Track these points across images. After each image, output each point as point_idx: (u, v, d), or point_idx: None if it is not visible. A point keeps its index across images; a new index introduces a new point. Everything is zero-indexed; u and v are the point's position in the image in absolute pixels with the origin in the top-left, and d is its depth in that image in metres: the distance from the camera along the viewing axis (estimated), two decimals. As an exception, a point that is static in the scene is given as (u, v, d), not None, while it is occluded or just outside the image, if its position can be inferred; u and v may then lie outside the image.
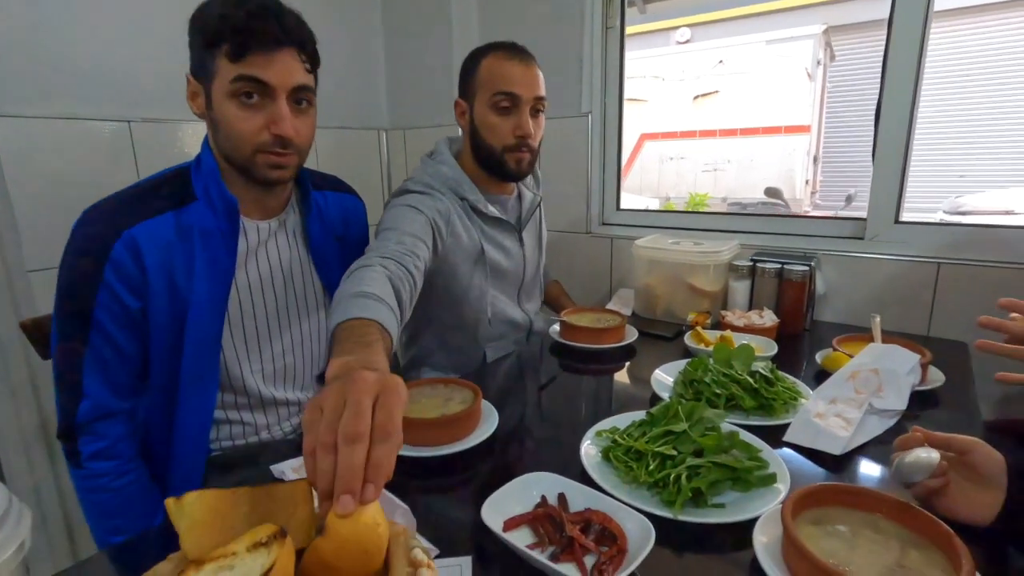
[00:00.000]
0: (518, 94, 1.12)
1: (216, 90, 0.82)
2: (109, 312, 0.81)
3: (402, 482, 0.75)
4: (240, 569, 0.38)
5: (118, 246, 0.80)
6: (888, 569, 0.53)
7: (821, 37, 6.65)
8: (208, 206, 0.86)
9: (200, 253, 0.86)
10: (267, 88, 0.82)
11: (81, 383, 0.82)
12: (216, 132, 0.86)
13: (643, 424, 0.79)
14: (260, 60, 0.80)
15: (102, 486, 0.85)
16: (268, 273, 0.96)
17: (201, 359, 0.89)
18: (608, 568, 0.55)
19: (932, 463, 0.58)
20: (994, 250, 1.25)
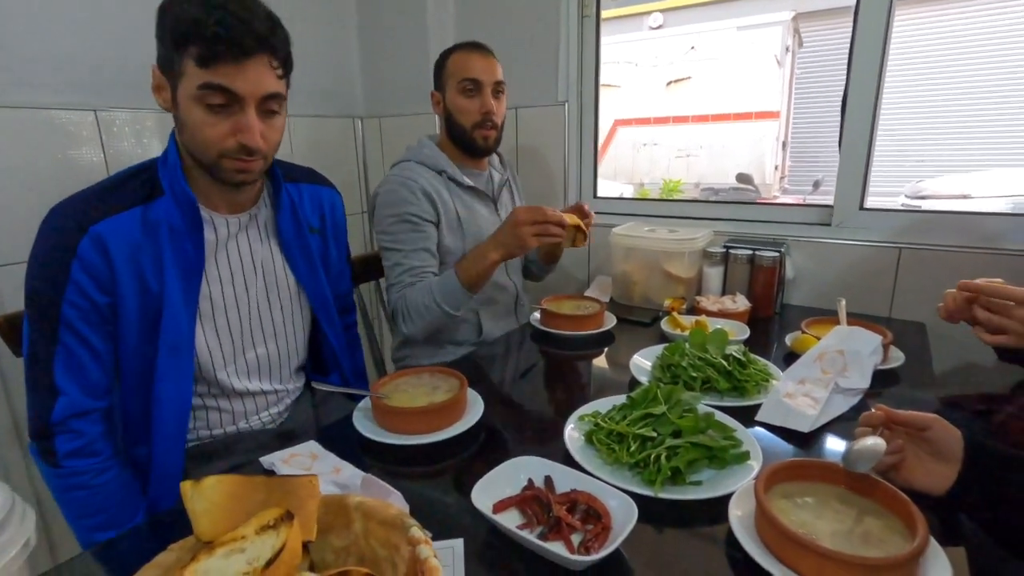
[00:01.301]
0: (480, 79, 1.32)
1: (182, 91, 0.80)
2: (78, 309, 0.80)
3: (393, 469, 0.78)
4: (251, 551, 0.39)
5: (84, 242, 0.79)
6: (852, 535, 0.57)
7: (790, 24, 6.75)
8: (174, 201, 0.86)
9: (168, 248, 0.85)
10: (235, 96, 0.80)
11: (54, 382, 0.81)
12: (181, 130, 0.85)
13: (624, 408, 0.83)
14: (230, 69, 0.78)
15: (81, 484, 0.84)
16: (239, 267, 0.96)
17: (176, 354, 0.88)
18: (594, 544, 0.58)
19: (878, 452, 0.62)
20: (952, 235, 1.31)
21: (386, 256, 1.32)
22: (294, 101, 1.93)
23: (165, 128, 1.50)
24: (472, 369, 1.14)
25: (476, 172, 1.45)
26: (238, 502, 0.45)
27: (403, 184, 1.30)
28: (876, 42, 1.33)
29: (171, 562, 0.45)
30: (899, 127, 6.31)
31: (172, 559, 0.46)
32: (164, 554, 0.46)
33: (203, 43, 0.76)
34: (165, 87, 0.83)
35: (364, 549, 0.51)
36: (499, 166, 1.54)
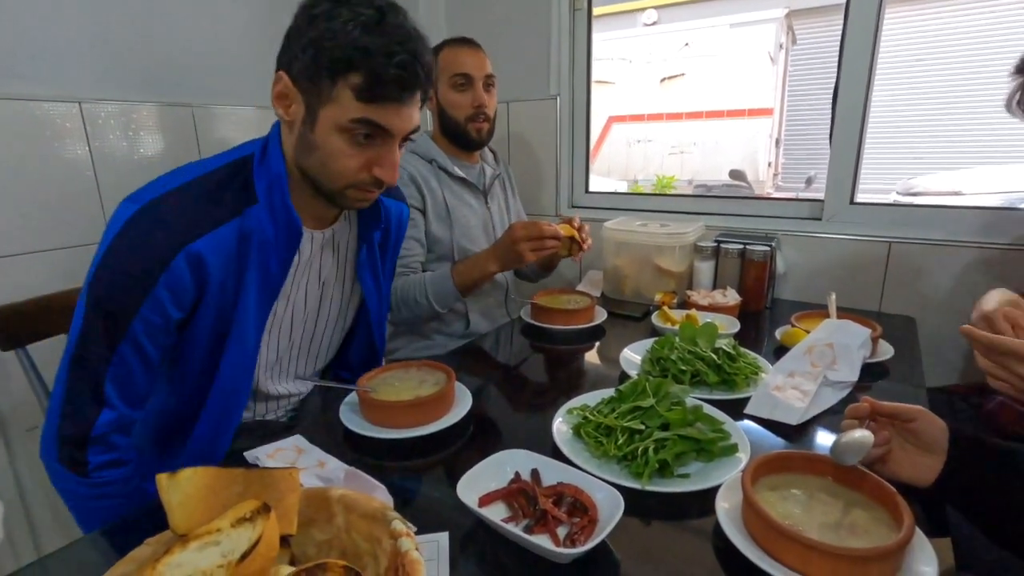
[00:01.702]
0: (471, 73, 1.33)
1: (327, 117, 0.75)
2: (148, 324, 0.74)
3: (380, 464, 0.77)
4: (226, 544, 0.39)
5: (180, 259, 0.72)
6: (839, 527, 0.57)
7: (783, 21, 6.77)
8: (270, 214, 0.79)
9: (253, 265, 0.79)
10: (387, 133, 0.77)
11: (103, 393, 0.75)
12: (306, 152, 0.78)
13: (612, 401, 0.82)
14: (391, 109, 0.75)
15: (109, 493, 0.79)
16: (311, 286, 0.93)
17: (237, 371, 0.84)
18: (580, 537, 0.57)
19: (866, 445, 0.62)
20: (941, 229, 1.32)
21: None
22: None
23: (154, 121, 1.48)
24: (461, 363, 1.13)
25: (467, 165, 1.44)
26: (215, 495, 0.44)
27: None
28: (867, 37, 1.33)
29: (146, 556, 0.44)
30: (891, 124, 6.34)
31: (147, 553, 0.45)
32: (139, 548, 0.46)
33: (373, 79, 0.72)
34: (296, 101, 0.76)
35: (346, 543, 0.50)
36: (491, 161, 1.54)
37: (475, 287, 1.25)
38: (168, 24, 1.48)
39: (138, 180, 0.84)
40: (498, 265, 1.22)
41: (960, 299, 1.30)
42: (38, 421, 1.33)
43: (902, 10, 6.08)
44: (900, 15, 6.06)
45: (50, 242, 1.32)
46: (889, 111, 6.25)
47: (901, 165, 6.17)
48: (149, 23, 1.45)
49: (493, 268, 1.22)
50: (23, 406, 1.30)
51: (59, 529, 1.40)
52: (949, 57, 5.99)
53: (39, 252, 1.31)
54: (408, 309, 1.27)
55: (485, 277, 1.23)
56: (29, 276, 1.28)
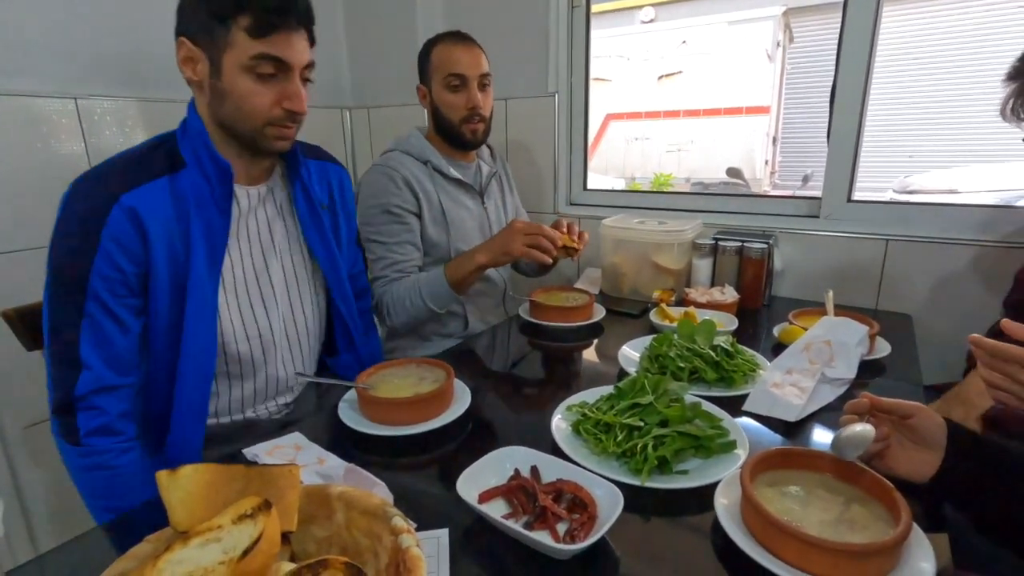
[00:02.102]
0: (465, 74, 1.30)
1: (230, 61, 0.82)
2: (106, 281, 0.79)
3: (379, 460, 0.77)
4: (228, 541, 0.39)
5: (116, 211, 0.78)
6: (837, 522, 0.57)
7: (781, 19, 6.76)
8: (200, 172, 0.86)
9: (196, 220, 0.85)
10: (285, 66, 0.84)
11: (79, 355, 0.80)
12: (220, 102, 0.85)
13: (611, 398, 0.82)
14: (282, 40, 0.82)
15: (102, 463, 0.82)
16: (258, 241, 0.96)
17: (200, 326, 0.87)
18: (580, 533, 0.57)
19: (867, 438, 0.62)
20: (938, 227, 1.32)
21: (369, 249, 1.31)
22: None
23: (147, 117, 1.47)
24: (460, 360, 1.13)
25: (463, 164, 1.43)
26: (216, 492, 0.44)
27: (385, 173, 1.29)
28: (864, 34, 1.33)
29: (147, 553, 0.44)
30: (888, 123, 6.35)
31: (148, 550, 0.45)
32: (140, 545, 0.45)
33: (257, 15, 0.80)
34: (199, 59, 0.83)
35: (346, 539, 0.50)
36: (488, 158, 1.52)
37: (466, 281, 1.22)
38: (163, 20, 1.47)
39: None
40: (486, 256, 1.19)
41: (957, 297, 1.30)
42: (36, 418, 1.32)
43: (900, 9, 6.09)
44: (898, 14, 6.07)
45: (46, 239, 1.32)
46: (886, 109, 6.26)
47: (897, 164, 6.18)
48: (144, 19, 1.45)
49: (481, 259, 1.19)
50: (20, 404, 1.30)
51: (56, 526, 1.39)
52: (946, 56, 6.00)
53: (36, 249, 1.30)
54: (404, 312, 1.25)
55: (474, 269, 1.20)
56: (26, 273, 1.27)
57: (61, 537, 0.63)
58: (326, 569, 0.38)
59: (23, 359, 1.01)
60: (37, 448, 1.34)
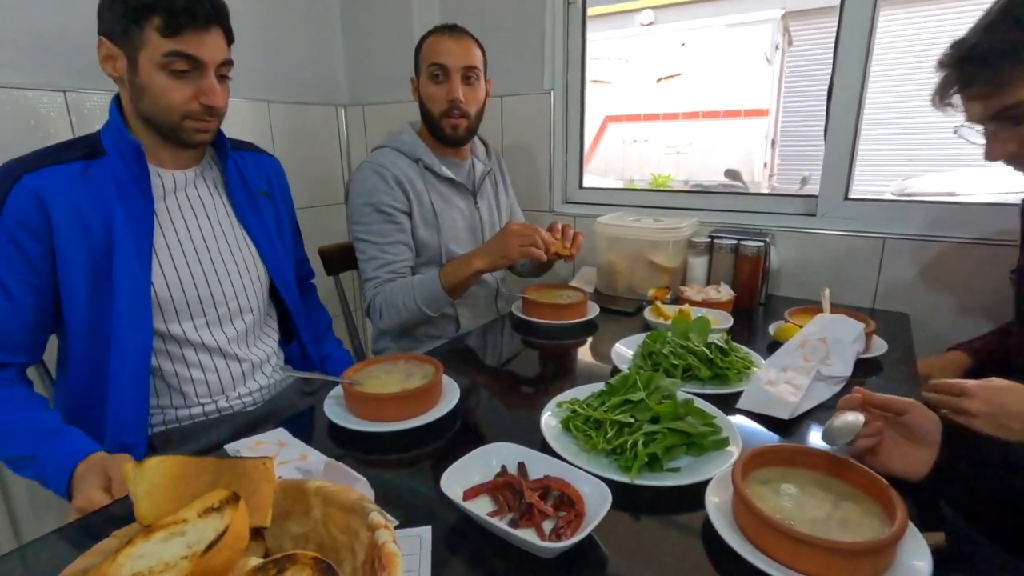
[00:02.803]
0: (447, 64, 1.26)
1: (144, 60, 0.86)
2: (4, 256, 0.82)
3: (365, 457, 0.75)
4: (192, 535, 0.37)
5: (16, 190, 0.82)
6: (830, 520, 0.56)
7: (779, 22, 6.78)
8: (119, 158, 0.90)
9: (117, 203, 0.88)
10: (199, 63, 0.88)
11: None
12: (139, 97, 0.89)
13: (602, 394, 0.81)
14: (193, 38, 0.86)
15: None
16: (192, 215, 0.99)
17: (134, 304, 0.89)
18: (566, 531, 0.56)
19: (857, 425, 0.62)
20: (935, 225, 1.31)
21: (360, 248, 1.29)
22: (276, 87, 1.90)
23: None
24: (451, 357, 1.11)
25: (456, 162, 1.40)
26: (184, 485, 0.42)
27: (376, 172, 1.27)
28: (861, 38, 1.32)
29: (112, 548, 0.42)
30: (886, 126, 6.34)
31: (114, 545, 0.43)
32: (106, 541, 0.44)
33: (168, 15, 0.84)
34: (119, 56, 0.87)
35: (323, 535, 0.49)
36: (483, 156, 1.50)
37: (462, 286, 1.21)
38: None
39: None
40: (484, 261, 1.18)
41: (954, 294, 1.29)
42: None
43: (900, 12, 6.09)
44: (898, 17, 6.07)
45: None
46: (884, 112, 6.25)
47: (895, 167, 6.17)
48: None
49: (479, 264, 1.18)
50: None
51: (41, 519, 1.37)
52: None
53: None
54: (397, 314, 1.23)
55: (471, 275, 1.18)
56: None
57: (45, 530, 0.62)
58: (293, 564, 0.36)
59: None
60: None
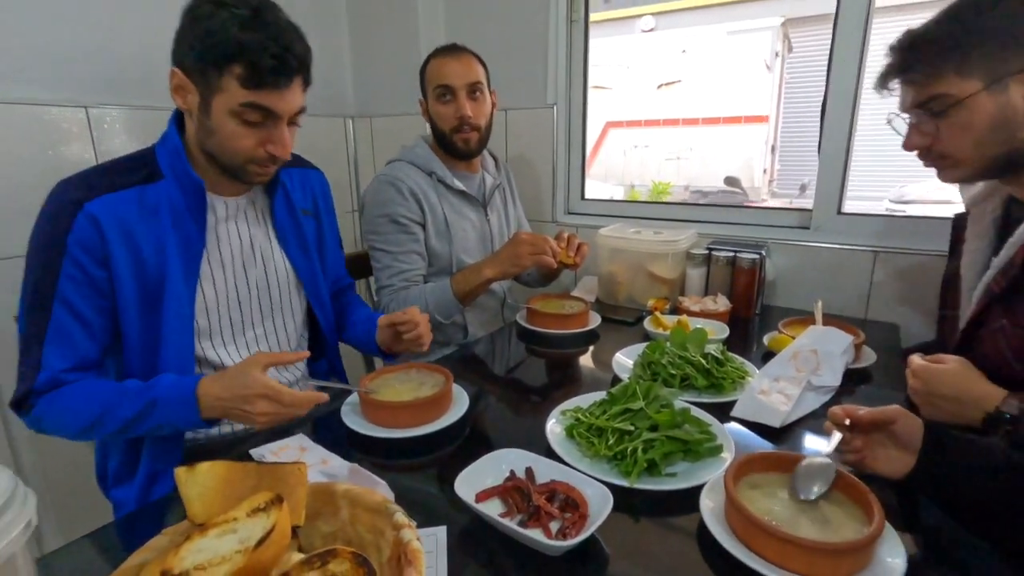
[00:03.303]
0: (452, 84, 1.33)
1: (219, 104, 0.84)
2: (73, 282, 0.83)
3: (380, 462, 0.80)
4: (243, 532, 0.42)
5: (80, 218, 0.82)
6: (815, 522, 0.60)
7: (779, 29, 6.83)
8: (176, 184, 0.90)
9: (171, 230, 0.89)
10: (273, 115, 0.87)
11: (41, 356, 0.82)
12: (206, 135, 0.88)
13: (604, 403, 0.86)
14: (274, 93, 0.85)
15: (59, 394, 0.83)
16: (239, 248, 0.99)
17: (178, 329, 0.90)
18: (571, 531, 0.60)
19: (828, 474, 0.64)
20: (925, 239, 1.35)
21: (375, 257, 1.34)
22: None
23: (156, 125, 1.50)
24: (459, 366, 1.16)
25: (467, 175, 1.46)
26: (230, 487, 0.47)
27: (391, 184, 1.32)
28: (854, 51, 1.37)
29: (164, 545, 0.47)
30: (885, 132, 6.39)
31: (165, 542, 0.48)
32: (157, 538, 0.48)
33: (251, 69, 0.82)
34: (191, 91, 0.86)
35: (351, 534, 0.54)
36: (493, 170, 1.56)
37: (473, 294, 1.27)
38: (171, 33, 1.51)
39: None
40: (495, 270, 1.24)
41: (943, 307, 1.34)
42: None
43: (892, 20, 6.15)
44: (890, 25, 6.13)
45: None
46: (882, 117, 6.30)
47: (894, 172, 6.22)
48: (152, 31, 1.48)
49: (489, 273, 1.24)
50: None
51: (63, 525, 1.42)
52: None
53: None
54: None
55: (483, 283, 1.25)
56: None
57: (67, 534, 0.66)
58: (335, 558, 0.41)
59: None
60: (44, 449, 1.36)
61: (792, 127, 7.33)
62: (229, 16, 0.81)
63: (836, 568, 0.55)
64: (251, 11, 0.82)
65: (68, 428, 0.84)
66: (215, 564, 0.39)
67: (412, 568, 0.44)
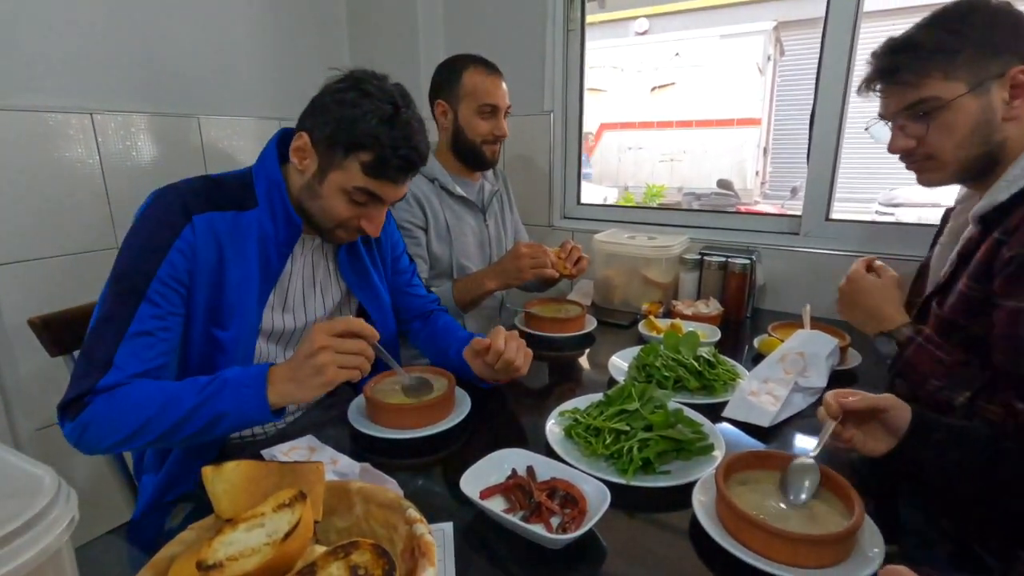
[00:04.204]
0: (499, 105, 1.42)
1: (335, 179, 0.89)
2: (166, 287, 0.83)
3: (386, 462, 0.83)
4: (270, 526, 0.45)
5: (187, 229, 0.85)
6: (800, 515, 0.64)
7: (772, 33, 6.91)
8: (270, 215, 0.92)
9: (254, 257, 0.91)
10: (380, 200, 0.92)
11: (114, 355, 0.79)
12: (311, 196, 0.92)
13: (601, 404, 0.89)
14: (388, 185, 0.90)
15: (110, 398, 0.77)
16: (310, 273, 1.03)
17: (241, 348, 0.91)
18: (571, 526, 0.64)
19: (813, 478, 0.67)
20: (910, 245, 1.40)
21: None
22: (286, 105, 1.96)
23: (160, 131, 1.53)
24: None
25: (468, 182, 1.51)
26: (255, 484, 0.50)
27: None
28: (842, 55, 1.41)
29: (192, 539, 0.51)
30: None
31: (193, 537, 0.51)
32: (185, 532, 0.52)
33: (377, 161, 0.87)
34: (311, 157, 0.90)
35: (365, 529, 0.57)
36: (491, 177, 1.61)
37: (474, 303, 1.33)
38: (174, 39, 1.54)
39: (146, 187, 0.93)
40: (497, 282, 1.31)
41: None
42: (47, 421, 1.37)
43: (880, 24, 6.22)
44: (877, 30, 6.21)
45: (61, 248, 1.38)
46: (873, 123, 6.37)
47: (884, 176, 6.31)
48: (156, 37, 1.51)
49: (491, 285, 1.31)
50: (32, 405, 1.35)
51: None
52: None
53: (54, 257, 1.36)
54: None
55: (484, 294, 1.32)
56: (42, 281, 1.33)
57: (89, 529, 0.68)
58: (356, 549, 0.45)
59: (42, 364, 1.06)
60: (48, 451, 1.39)
61: (784, 130, 7.41)
62: (372, 109, 0.86)
63: (819, 558, 0.59)
64: (392, 108, 0.87)
65: (118, 431, 0.77)
66: (246, 555, 0.43)
67: (425, 559, 0.47)
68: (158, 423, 0.77)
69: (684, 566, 0.63)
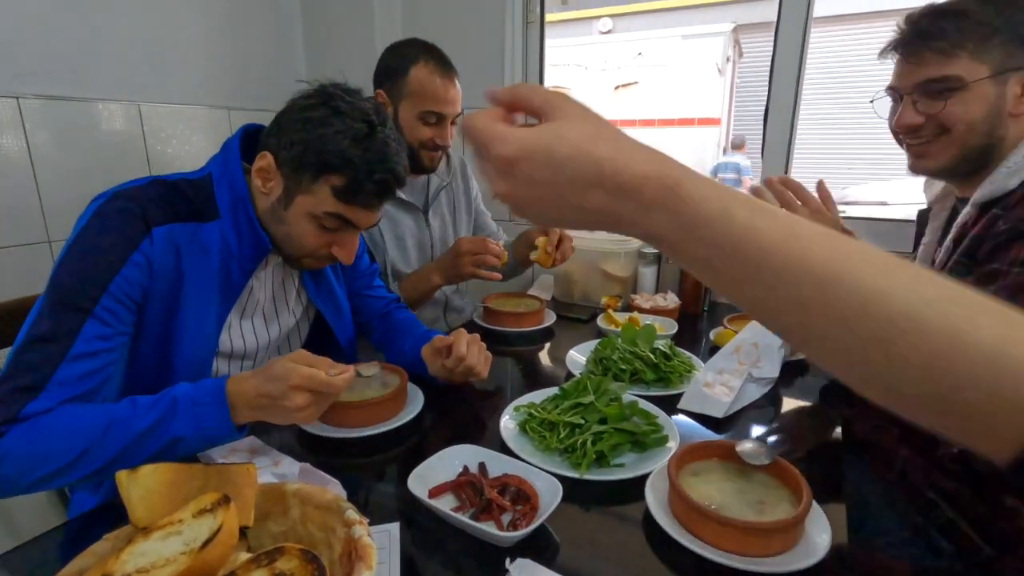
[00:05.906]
0: (444, 113, 1.27)
1: (302, 204, 0.83)
2: (118, 302, 0.75)
3: (334, 462, 0.80)
4: (188, 534, 0.41)
5: (146, 241, 0.77)
6: (751, 505, 0.64)
7: (731, 35, 7.08)
8: (234, 230, 0.85)
9: (217, 270, 0.84)
10: (352, 226, 0.86)
11: (49, 376, 0.69)
12: (277, 222, 0.86)
13: (556, 398, 0.88)
14: (362, 211, 0.84)
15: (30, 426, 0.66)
16: (270, 297, 0.97)
17: (196, 364, 0.85)
18: (522, 523, 0.62)
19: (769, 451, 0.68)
20: (867, 240, 1.44)
21: None
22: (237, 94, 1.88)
23: (92, 118, 1.44)
24: (415, 365, 1.16)
25: (409, 179, 1.39)
26: (175, 489, 0.47)
27: None
28: (793, 56, 1.44)
29: (106, 551, 0.46)
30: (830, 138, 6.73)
31: (107, 548, 0.47)
32: (99, 543, 0.47)
33: (353, 186, 0.81)
34: (276, 179, 0.83)
35: (301, 533, 0.54)
36: (442, 169, 1.49)
37: (421, 299, 1.29)
38: (110, 20, 1.45)
39: (79, 177, 0.85)
40: (442, 277, 1.27)
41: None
42: None
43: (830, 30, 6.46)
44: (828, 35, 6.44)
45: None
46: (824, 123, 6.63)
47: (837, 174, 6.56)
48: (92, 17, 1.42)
49: (437, 280, 1.27)
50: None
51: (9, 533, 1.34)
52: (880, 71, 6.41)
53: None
54: None
55: (430, 289, 1.27)
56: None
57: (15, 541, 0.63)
58: (283, 555, 0.42)
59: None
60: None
61: (743, 129, 7.61)
62: (344, 128, 0.79)
63: (768, 545, 0.58)
64: (367, 127, 0.80)
65: (47, 464, 0.66)
66: (159, 566, 0.39)
67: (362, 563, 0.44)
68: (100, 452, 0.67)
69: (636, 557, 0.62)
